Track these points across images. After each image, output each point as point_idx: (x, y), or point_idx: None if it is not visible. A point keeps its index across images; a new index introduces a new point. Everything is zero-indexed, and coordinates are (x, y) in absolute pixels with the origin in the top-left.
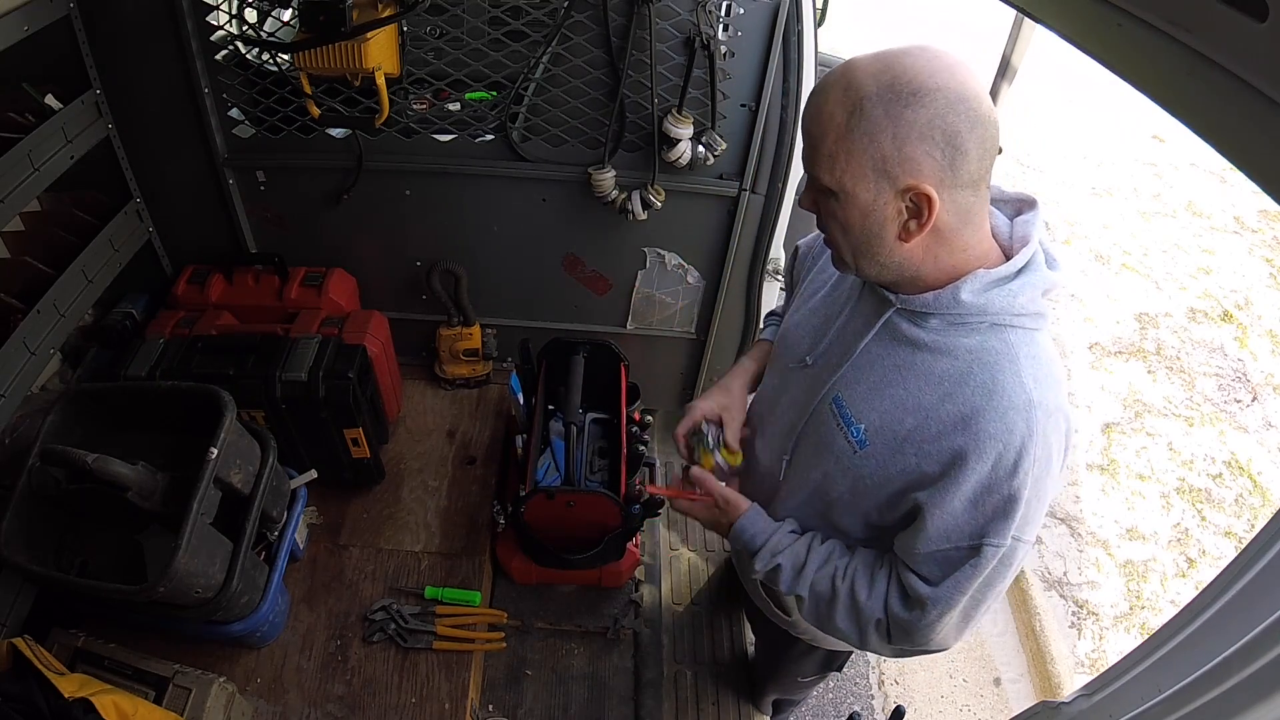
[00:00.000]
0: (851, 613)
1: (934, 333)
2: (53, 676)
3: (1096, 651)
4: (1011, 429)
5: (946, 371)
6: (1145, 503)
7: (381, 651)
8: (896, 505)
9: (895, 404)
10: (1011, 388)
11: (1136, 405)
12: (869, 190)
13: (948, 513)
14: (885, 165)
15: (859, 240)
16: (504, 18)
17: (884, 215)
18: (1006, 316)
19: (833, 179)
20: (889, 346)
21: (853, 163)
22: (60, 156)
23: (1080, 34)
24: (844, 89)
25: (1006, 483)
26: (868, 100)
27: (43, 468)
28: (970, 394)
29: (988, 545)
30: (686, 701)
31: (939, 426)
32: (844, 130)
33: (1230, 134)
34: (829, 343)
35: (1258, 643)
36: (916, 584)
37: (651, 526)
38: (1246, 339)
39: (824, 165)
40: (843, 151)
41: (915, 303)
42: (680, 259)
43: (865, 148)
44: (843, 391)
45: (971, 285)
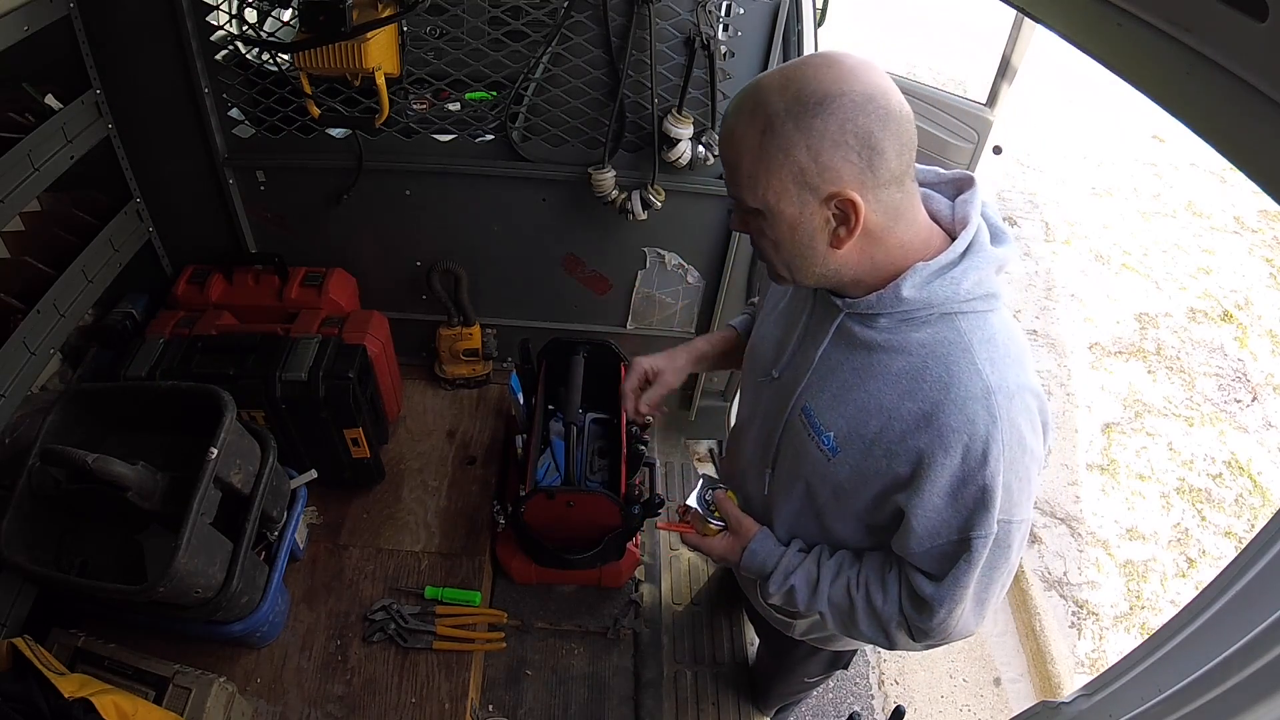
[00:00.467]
0: (872, 619)
1: (885, 332)
2: (53, 676)
3: (1096, 651)
4: (973, 419)
5: (903, 369)
6: (1145, 503)
7: (381, 651)
8: (881, 506)
9: (859, 408)
10: (967, 377)
11: (1136, 405)
12: (793, 204)
13: (929, 510)
14: (805, 177)
15: (791, 254)
16: (504, 18)
17: (812, 226)
18: (954, 304)
19: (756, 199)
20: (845, 351)
21: (773, 180)
22: (60, 156)
23: (1080, 34)
24: (751, 110)
25: (979, 473)
26: (776, 117)
27: (43, 468)
28: (928, 390)
29: (975, 538)
30: (686, 701)
31: (902, 426)
32: (759, 150)
33: (1230, 134)
34: (791, 353)
35: (1258, 643)
36: (921, 583)
37: (651, 526)
38: (1246, 339)
39: (745, 187)
40: (761, 171)
41: (861, 305)
42: (680, 259)
43: (782, 164)
44: (810, 401)
45: (912, 280)
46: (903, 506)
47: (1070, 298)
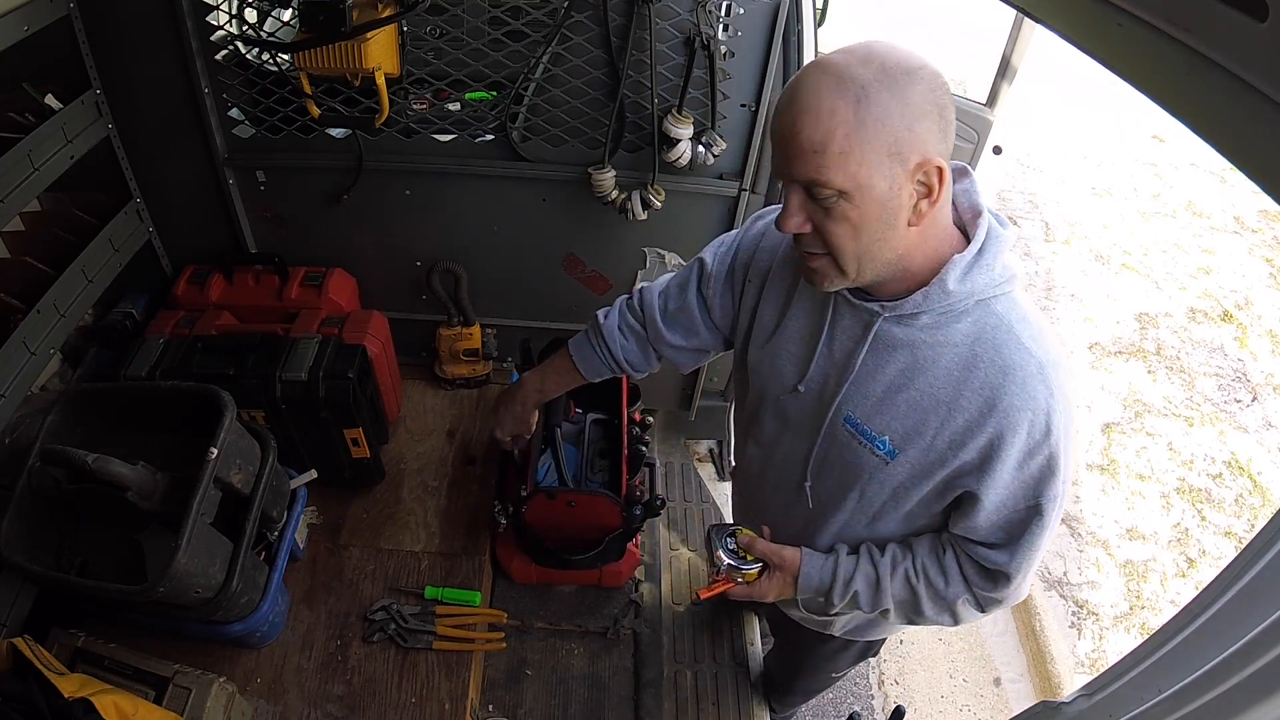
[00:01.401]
0: (938, 602)
1: (927, 330)
2: (53, 676)
3: (1096, 651)
4: (1034, 395)
5: (953, 362)
6: (1145, 503)
7: (381, 651)
8: (943, 496)
9: (913, 406)
10: (1020, 358)
11: (1136, 405)
12: (885, 178)
13: (1000, 487)
14: (899, 146)
15: (872, 238)
16: (504, 18)
17: (898, 202)
18: (987, 290)
19: (846, 177)
20: (885, 355)
21: (868, 152)
22: (60, 156)
23: (1080, 34)
24: (837, 84)
25: (1044, 444)
26: (869, 86)
27: (43, 468)
28: (985, 375)
29: (1045, 502)
30: (686, 701)
31: (965, 416)
32: (854, 122)
33: (1230, 134)
34: (815, 367)
35: (1258, 643)
36: (990, 555)
37: (651, 526)
38: (1246, 339)
39: (834, 166)
40: (856, 144)
41: (905, 306)
42: (680, 259)
43: (877, 133)
44: (852, 410)
45: (955, 273)
46: (973, 489)
47: (1070, 298)
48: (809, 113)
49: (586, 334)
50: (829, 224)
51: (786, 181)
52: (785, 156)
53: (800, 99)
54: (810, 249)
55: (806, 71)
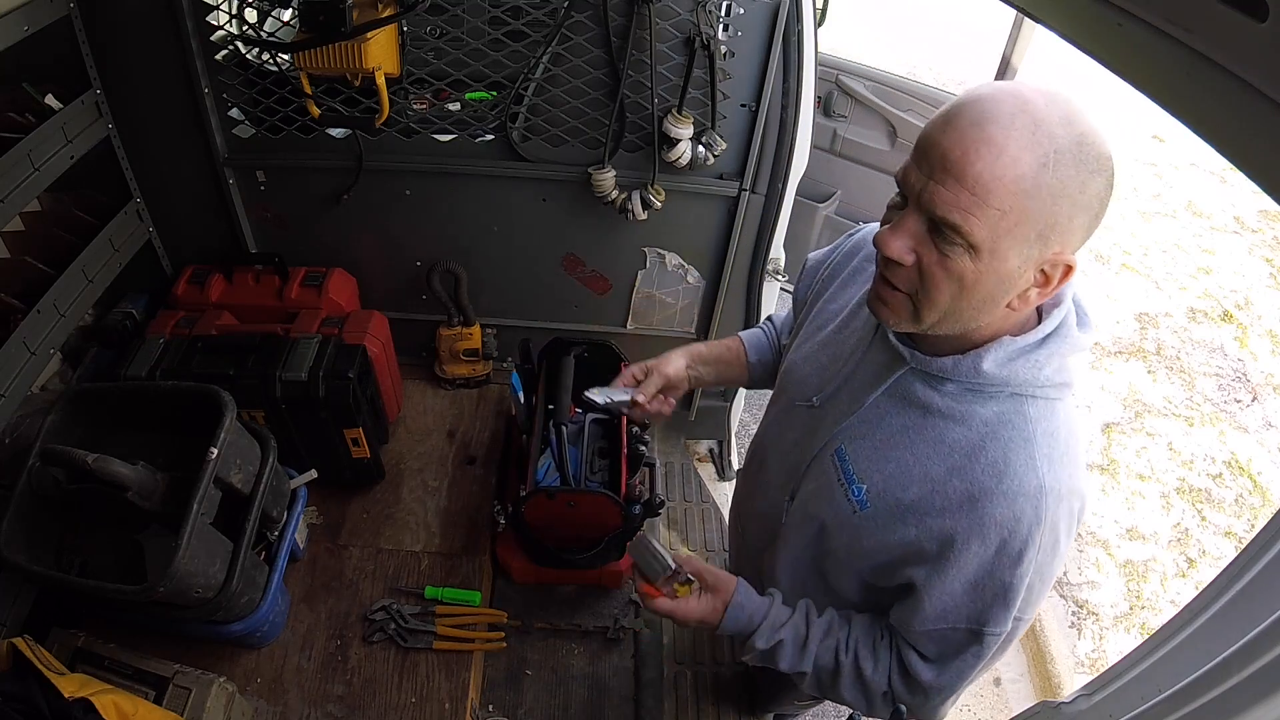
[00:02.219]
0: (858, 685)
1: (949, 398)
2: (53, 676)
3: (1096, 651)
4: (1019, 516)
5: (957, 441)
6: (1145, 503)
7: (381, 651)
8: (891, 575)
9: (901, 469)
10: (1023, 470)
11: (1136, 405)
12: (1019, 255)
13: (945, 594)
14: (1051, 231)
15: (970, 303)
16: (504, 18)
17: (1015, 282)
18: (1029, 387)
19: (987, 234)
20: (899, 405)
21: (1023, 223)
22: (60, 156)
23: (1080, 34)
24: (1033, 130)
25: (1010, 570)
26: (1062, 156)
27: (43, 468)
28: (979, 473)
29: (989, 634)
30: (686, 701)
31: (943, 502)
32: (1030, 184)
33: (1230, 134)
34: (836, 387)
35: (1258, 643)
36: (918, 666)
37: (651, 526)
38: (1246, 339)
39: (985, 219)
40: (1017, 208)
41: (933, 366)
42: (680, 259)
43: (1043, 209)
44: (846, 444)
45: (995, 355)
46: (916, 582)
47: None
48: (991, 146)
49: None
50: (937, 270)
51: (914, 201)
52: (930, 177)
53: (986, 126)
54: (896, 280)
55: (1004, 98)
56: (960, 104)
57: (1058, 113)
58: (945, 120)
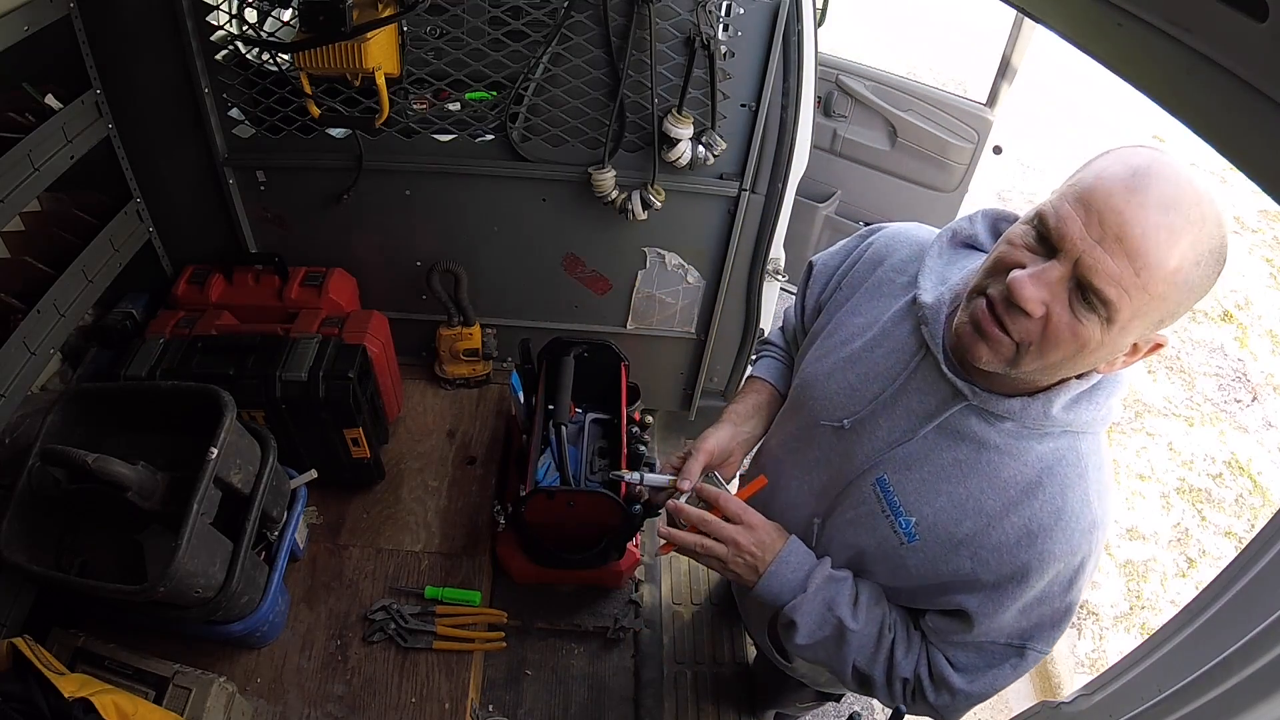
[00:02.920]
0: (887, 665)
1: (1006, 435)
2: (53, 676)
3: (1096, 651)
4: (1075, 550)
5: (1013, 478)
6: (1145, 503)
7: (381, 651)
8: (935, 599)
9: (953, 503)
10: (1079, 508)
11: (1137, 405)
12: (1140, 334)
13: (997, 619)
14: (1169, 318)
15: (1077, 362)
16: (504, 18)
17: (1115, 351)
18: (1085, 426)
19: (1131, 313)
20: (950, 439)
21: (1160, 309)
22: (60, 156)
23: (1080, 34)
24: (1200, 226)
25: (1061, 597)
26: (1210, 254)
27: (43, 468)
28: (1038, 510)
29: (1031, 650)
30: (686, 701)
31: (1001, 537)
32: (1183, 278)
33: (1230, 134)
34: (872, 411)
35: (1258, 643)
36: (948, 672)
37: (651, 526)
38: (1246, 339)
39: (1138, 298)
40: (1164, 296)
41: (999, 407)
42: (680, 259)
43: (1179, 300)
44: (889, 474)
45: (1063, 399)
46: (968, 609)
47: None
48: (1172, 235)
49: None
50: (1065, 331)
51: (1067, 260)
52: (1103, 246)
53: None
54: (1014, 327)
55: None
56: (1149, 177)
57: (1216, 213)
58: (1132, 191)
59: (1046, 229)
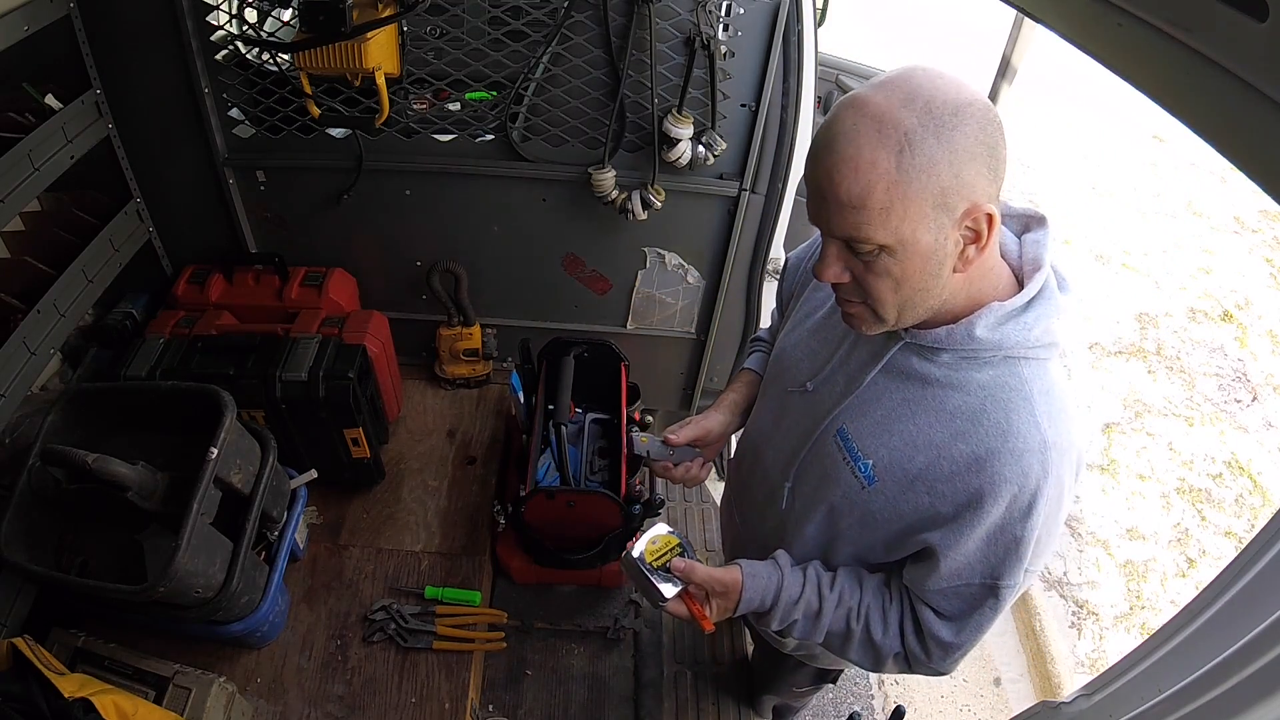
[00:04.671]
0: (868, 648)
1: (945, 368)
2: (53, 676)
3: (1096, 651)
4: (1027, 472)
5: (959, 408)
6: (1145, 502)
7: (381, 651)
8: (905, 543)
9: (905, 440)
10: (1026, 428)
11: (1136, 405)
12: (930, 230)
13: (961, 553)
14: (945, 197)
15: (915, 289)
16: (504, 18)
17: (944, 252)
18: (1020, 349)
19: (889, 233)
20: (897, 380)
21: (911, 206)
22: (60, 156)
23: (1080, 34)
24: (877, 131)
25: (1020, 524)
26: (913, 134)
27: (43, 468)
28: (984, 434)
29: (1003, 587)
30: (686, 701)
31: (952, 466)
32: (895, 174)
33: (1230, 134)
34: (831, 370)
35: (1258, 643)
36: (935, 624)
37: (650, 526)
38: (1246, 339)
39: (876, 223)
40: (898, 198)
41: (926, 338)
42: (680, 259)
43: (924, 185)
44: (848, 424)
45: (986, 320)
46: (933, 544)
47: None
48: (847, 164)
49: None
50: (869, 277)
51: (824, 232)
52: (821, 209)
53: (837, 147)
54: (849, 297)
55: (843, 113)
56: (818, 133)
57: (896, 98)
58: (812, 158)
59: None
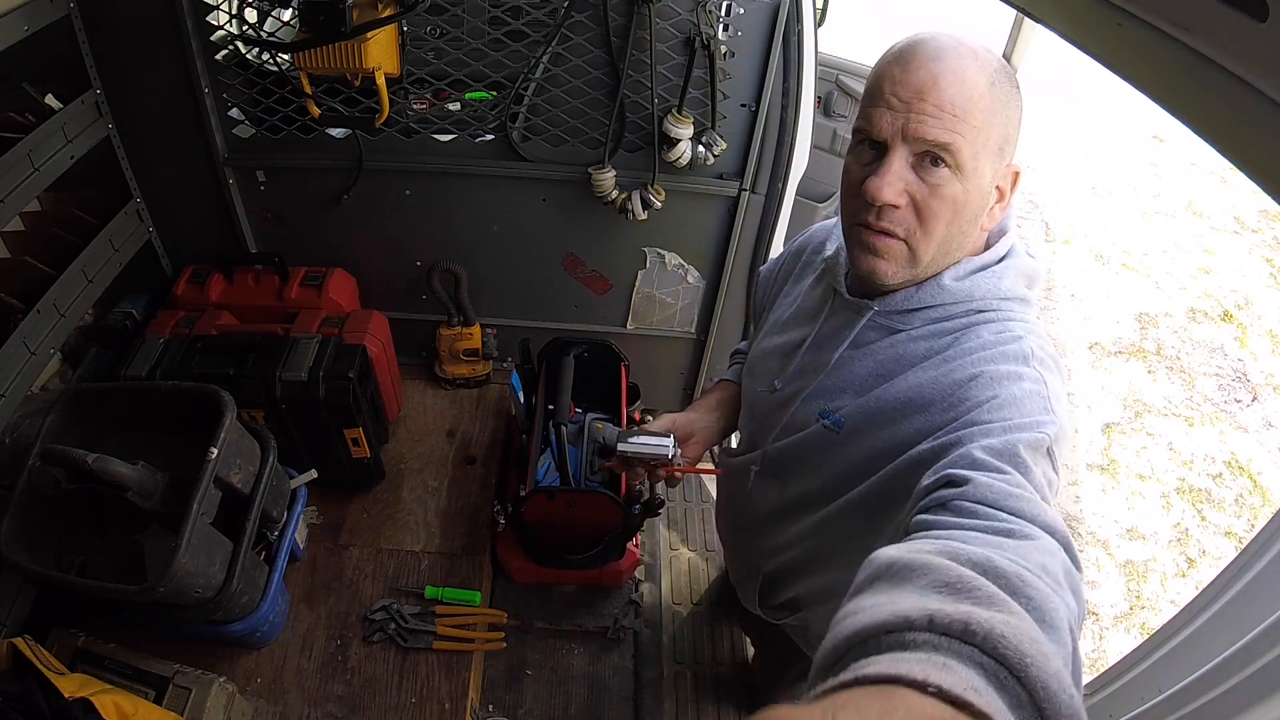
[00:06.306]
0: None
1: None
2: (53, 676)
3: (1097, 651)
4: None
5: (935, 348)
6: (1145, 503)
7: (381, 651)
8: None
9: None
10: (1008, 341)
11: (1136, 405)
12: (990, 169)
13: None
14: (1006, 143)
15: (960, 226)
16: (504, 18)
17: (988, 198)
18: (992, 301)
19: (970, 153)
20: (865, 351)
21: (992, 136)
22: (60, 156)
23: (1080, 34)
24: (974, 57)
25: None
26: (998, 74)
27: (43, 468)
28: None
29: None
30: (686, 701)
31: (939, 389)
32: (989, 100)
33: (1230, 134)
34: (798, 366)
35: (1257, 643)
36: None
37: (651, 526)
38: (1246, 339)
39: (967, 135)
40: (987, 123)
41: (896, 300)
42: (680, 259)
43: (1002, 122)
44: (819, 400)
45: (954, 272)
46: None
47: (1070, 297)
48: (953, 74)
49: None
50: (932, 202)
51: (896, 143)
52: (917, 109)
53: (945, 59)
54: (894, 226)
55: (940, 36)
56: (909, 45)
57: (975, 44)
58: (902, 61)
59: (868, 135)
